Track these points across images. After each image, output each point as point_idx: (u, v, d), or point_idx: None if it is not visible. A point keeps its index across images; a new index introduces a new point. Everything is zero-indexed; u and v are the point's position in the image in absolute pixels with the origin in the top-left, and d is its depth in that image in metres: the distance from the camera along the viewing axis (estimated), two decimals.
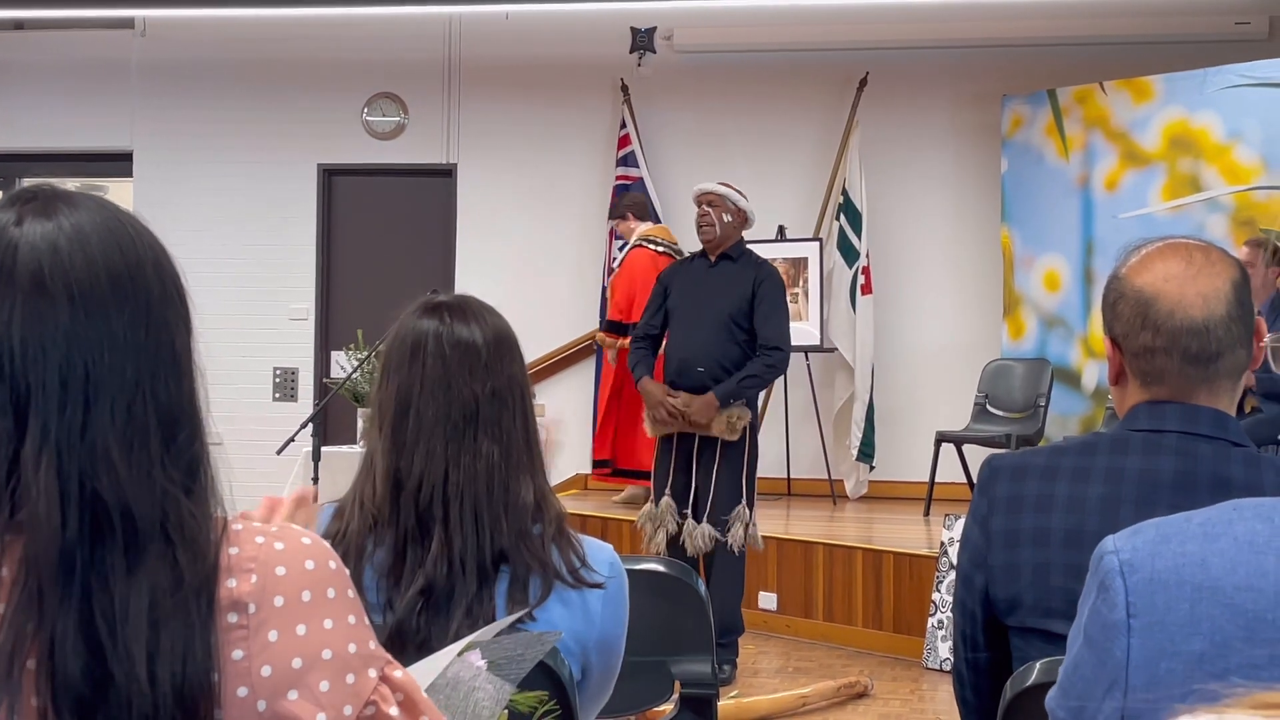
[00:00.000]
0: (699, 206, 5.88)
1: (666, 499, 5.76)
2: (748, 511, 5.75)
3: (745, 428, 5.74)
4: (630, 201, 8.19)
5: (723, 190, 5.89)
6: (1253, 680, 1.02)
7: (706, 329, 5.72)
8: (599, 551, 2.01)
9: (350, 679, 1.16)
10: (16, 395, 1.09)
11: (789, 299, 8.68)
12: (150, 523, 1.10)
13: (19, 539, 1.08)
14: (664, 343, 5.96)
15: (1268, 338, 1.22)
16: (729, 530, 5.68)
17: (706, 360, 5.69)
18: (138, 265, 1.17)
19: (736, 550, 5.72)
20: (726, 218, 5.83)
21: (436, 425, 1.92)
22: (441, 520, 1.89)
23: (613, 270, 8.41)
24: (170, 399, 1.16)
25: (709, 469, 5.71)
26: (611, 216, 8.16)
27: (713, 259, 5.87)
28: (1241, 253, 5.92)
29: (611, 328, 7.87)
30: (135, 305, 1.15)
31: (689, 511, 5.73)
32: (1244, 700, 0.78)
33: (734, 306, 5.72)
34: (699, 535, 5.65)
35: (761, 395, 8.16)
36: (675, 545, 5.72)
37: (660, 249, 7.92)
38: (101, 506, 1.09)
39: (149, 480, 1.12)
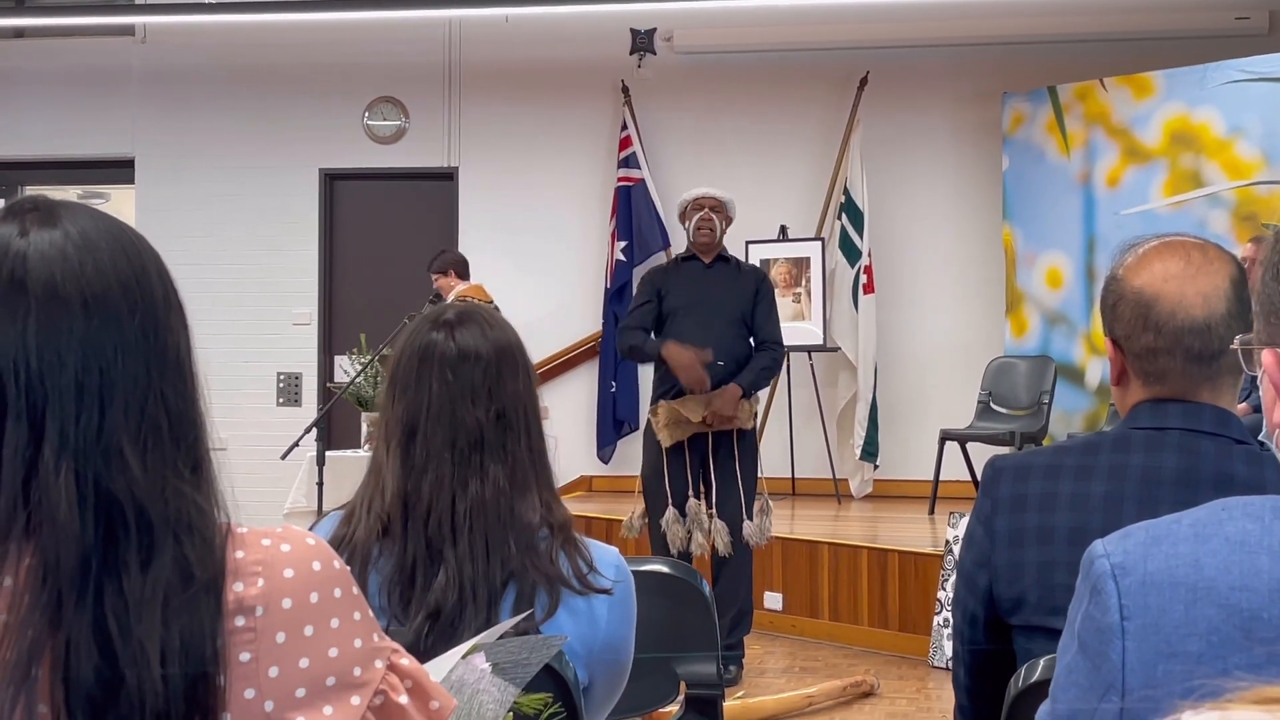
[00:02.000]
0: (699, 210, 5.96)
1: (694, 501, 5.79)
2: (769, 503, 5.94)
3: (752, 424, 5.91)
4: (453, 259, 8.19)
5: (725, 197, 6.06)
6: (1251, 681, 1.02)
7: (718, 327, 5.85)
8: (605, 554, 2.03)
9: (357, 672, 1.17)
10: (32, 403, 1.11)
11: (791, 299, 8.80)
12: (163, 521, 1.12)
13: (28, 546, 1.09)
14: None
15: (1237, 339, 1.22)
16: (756, 522, 5.79)
17: (724, 355, 5.80)
18: (143, 271, 1.19)
19: (754, 543, 5.83)
20: (725, 224, 6.03)
21: (443, 451, 1.95)
22: (451, 547, 1.92)
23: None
24: (179, 401, 1.18)
25: (729, 467, 5.77)
26: (433, 270, 8.14)
27: (708, 261, 5.99)
28: (1246, 250, 5.91)
29: None
30: (144, 310, 1.17)
31: (713, 512, 5.80)
32: (1247, 695, 0.78)
33: (742, 306, 5.90)
34: (724, 534, 5.70)
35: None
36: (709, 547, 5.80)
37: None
38: (117, 507, 1.10)
39: (161, 479, 1.13)
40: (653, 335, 5.93)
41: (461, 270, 8.11)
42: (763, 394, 8.89)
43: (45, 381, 1.11)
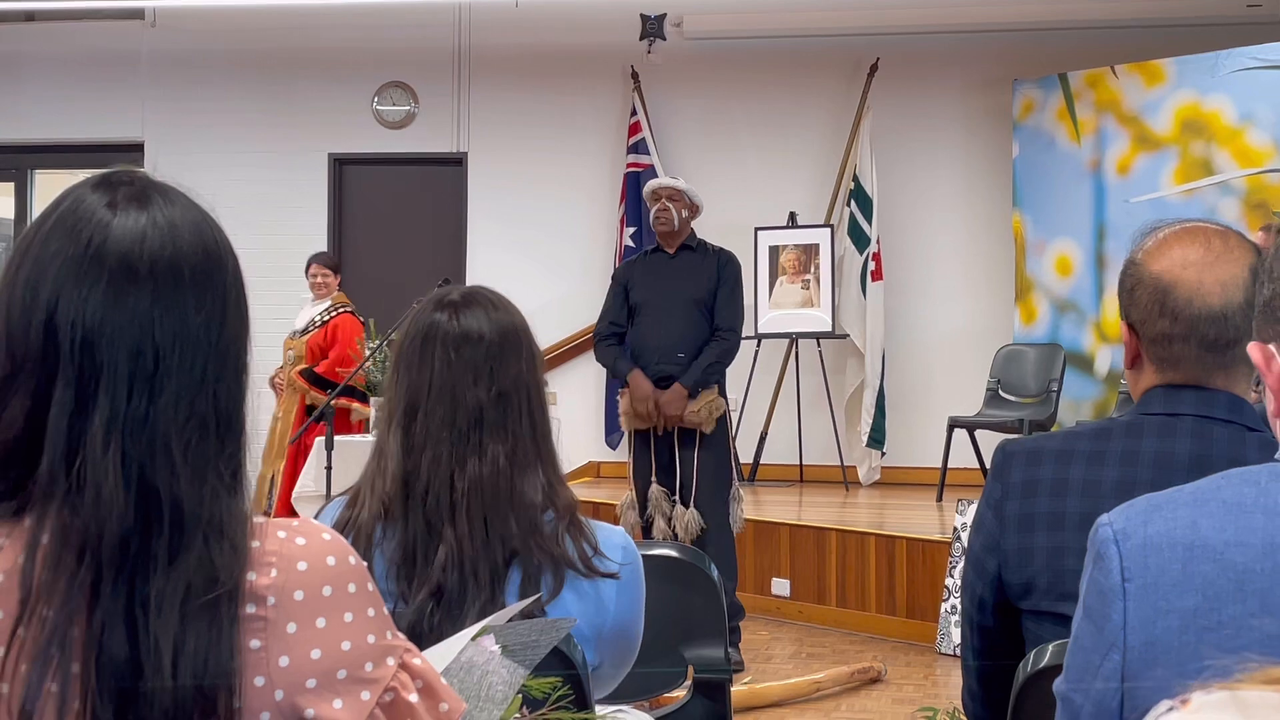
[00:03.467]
0: (657, 201, 6.00)
1: (656, 487, 5.84)
2: (740, 491, 5.97)
3: (723, 412, 5.92)
4: (338, 263, 8.35)
5: (682, 186, 6.05)
6: (1244, 630, 1.09)
7: (680, 317, 5.87)
8: (611, 536, 2.03)
9: (369, 667, 1.17)
10: (83, 371, 1.11)
11: (800, 285, 8.79)
12: (195, 520, 1.12)
13: (59, 518, 1.09)
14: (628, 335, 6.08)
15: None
16: (729, 511, 5.83)
17: (685, 346, 5.84)
18: (219, 268, 1.20)
19: (737, 529, 5.89)
20: (684, 213, 6.00)
21: (442, 430, 1.96)
22: (450, 525, 1.92)
23: (313, 325, 8.28)
24: (229, 402, 1.18)
25: (691, 458, 5.79)
26: (327, 264, 8.27)
27: (672, 251, 6.02)
28: (1257, 238, 5.90)
29: (318, 381, 7.87)
30: (211, 306, 1.17)
31: (676, 498, 5.84)
32: (1257, 675, 0.79)
33: (702, 293, 5.89)
34: (688, 521, 5.73)
35: (748, 379, 8.15)
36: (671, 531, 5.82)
37: (357, 314, 8.26)
38: (155, 497, 1.11)
39: (201, 478, 1.13)
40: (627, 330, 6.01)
41: (339, 275, 8.32)
42: (765, 384, 8.94)
43: (101, 353, 1.12)
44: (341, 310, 8.28)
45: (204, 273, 1.18)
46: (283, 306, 9.69)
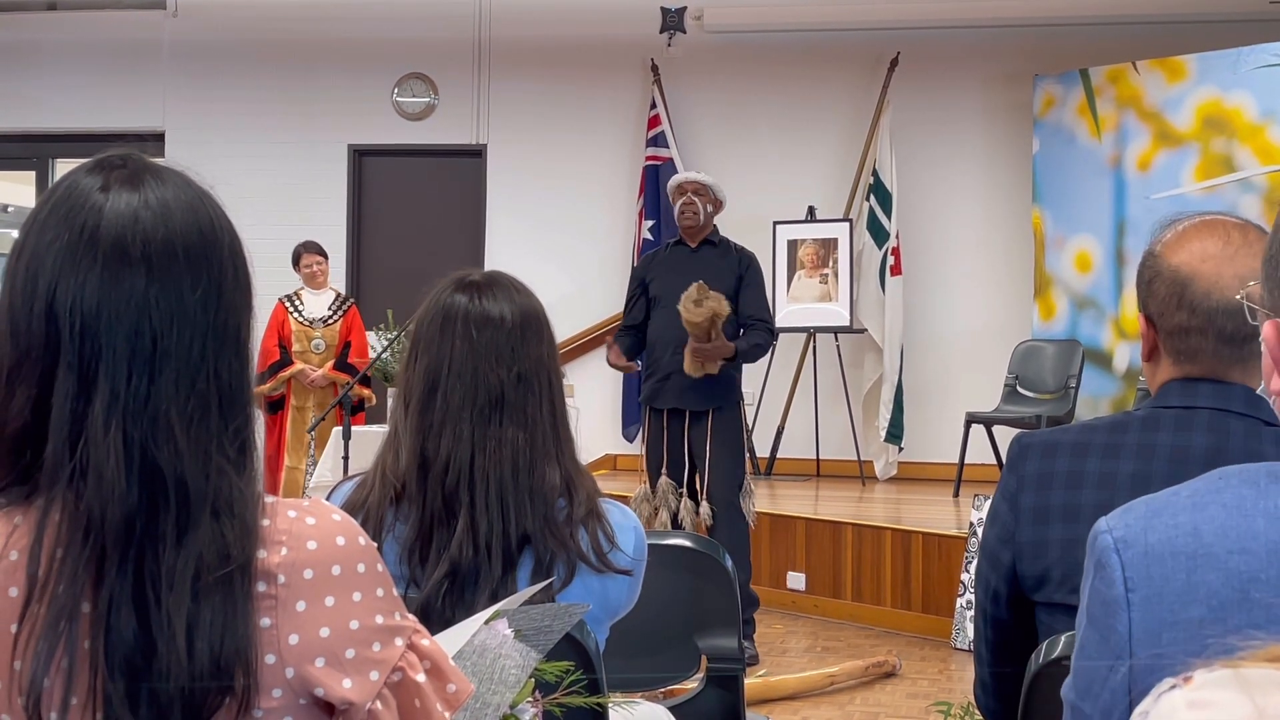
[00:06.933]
0: (682, 195, 5.96)
1: (665, 479, 5.83)
2: (752, 484, 5.94)
3: (737, 404, 5.90)
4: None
5: (707, 180, 6.02)
6: (1251, 640, 1.03)
7: None
8: (625, 520, 2.03)
9: (376, 647, 1.18)
10: (84, 354, 1.12)
11: (819, 280, 8.78)
12: (202, 497, 1.13)
13: (68, 500, 1.10)
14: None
15: (1242, 292, 1.26)
16: (741, 503, 5.80)
17: None
18: (214, 246, 1.20)
19: (751, 521, 5.86)
20: (709, 207, 5.97)
21: (463, 409, 1.95)
22: (468, 505, 1.91)
23: (333, 316, 8.34)
24: (231, 379, 1.19)
25: (702, 447, 5.78)
26: (320, 251, 8.35)
27: (694, 245, 5.98)
28: None
29: (352, 372, 7.87)
30: (208, 284, 1.18)
31: (684, 490, 5.84)
32: (1260, 653, 0.79)
33: (724, 288, 5.80)
34: (703, 514, 5.72)
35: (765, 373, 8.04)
36: (674, 523, 5.81)
37: None
38: (159, 476, 1.12)
39: (205, 456, 1.14)
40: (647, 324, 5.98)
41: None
42: (783, 378, 8.93)
43: (100, 336, 1.12)
44: (351, 300, 8.40)
45: (199, 251, 1.18)
46: None
